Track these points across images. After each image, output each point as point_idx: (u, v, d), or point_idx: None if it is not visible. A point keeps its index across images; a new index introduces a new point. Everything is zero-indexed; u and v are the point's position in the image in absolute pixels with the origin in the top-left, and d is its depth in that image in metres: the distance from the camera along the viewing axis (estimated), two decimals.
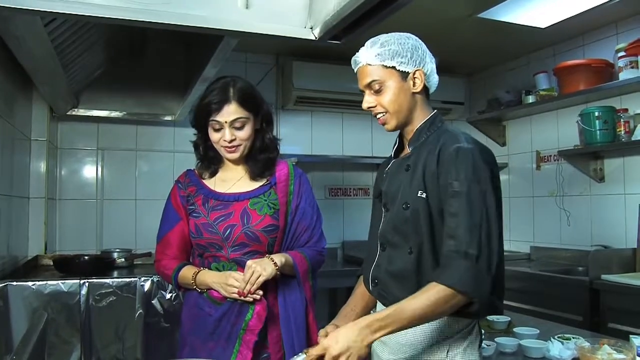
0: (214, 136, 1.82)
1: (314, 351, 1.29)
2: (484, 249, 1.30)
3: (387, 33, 1.53)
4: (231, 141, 1.79)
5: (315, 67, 4.03)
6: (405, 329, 1.30)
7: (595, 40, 3.71)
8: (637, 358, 1.76)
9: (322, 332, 1.51)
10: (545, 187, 4.13)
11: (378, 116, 1.52)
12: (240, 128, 1.80)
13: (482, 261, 1.29)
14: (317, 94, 4.07)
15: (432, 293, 1.27)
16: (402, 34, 1.51)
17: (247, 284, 1.67)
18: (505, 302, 3.55)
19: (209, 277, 1.78)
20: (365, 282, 1.61)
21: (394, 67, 1.46)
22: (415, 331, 1.43)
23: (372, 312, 1.64)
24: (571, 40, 3.86)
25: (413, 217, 1.42)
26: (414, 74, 1.48)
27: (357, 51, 1.53)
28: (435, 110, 1.55)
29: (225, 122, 1.77)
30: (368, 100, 1.51)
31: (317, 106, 4.27)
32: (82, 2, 1.44)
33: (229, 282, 1.71)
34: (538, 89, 3.92)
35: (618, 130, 3.36)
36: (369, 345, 1.27)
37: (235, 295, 1.71)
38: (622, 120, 3.35)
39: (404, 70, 1.46)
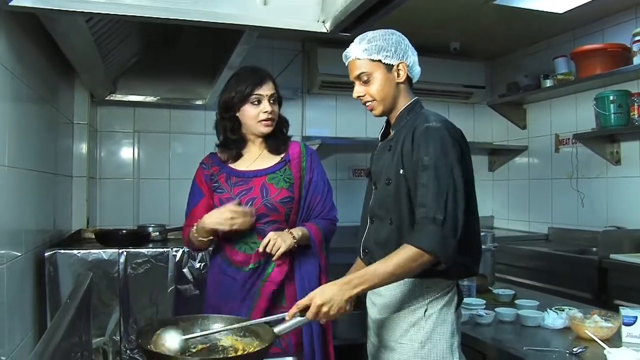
0: (252, 112, 2.01)
1: (303, 301, 1.46)
2: (449, 214, 1.45)
3: (392, 27, 1.70)
4: (271, 112, 2.00)
5: (339, 53, 4.05)
6: (383, 285, 1.48)
7: (614, 24, 3.71)
8: (623, 327, 1.90)
9: None
10: (563, 169, 4.18)
11: (367, 104, 1.69)
12: (274, 103, 2.04)
13: (448, 225, 1.45)
14: (341, 79, 4.10)
15: (403, 253, 1.44)
16: (386, 30, 1.67)
17: (264, 248, 1.87)
18: (519, 279, 3.70)
19: (208, 219, 1.92)
20: (359, 251, 1.80)
21: (379, 61, 1.63)
22: (396, 293, 1.62)
23: None
24: (591, 25, 3.86)
25: (395, 191, 1.59)
26: (397, 66, 1.64)
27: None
28: (416, 97, 1.71)
29: (266, 95, 2.00)
30: (358, 90, 1.68)
31: (342, 90, 4.36)
32: (120, 4, 1.63)
33: (228, 216, 1.87)
34: (556, 73, 3.94)
35: (632, 113, 3.38)
36: (349, 300, 1.44)
37: (236, 227, 1.88)
38: (636, 104, 3.35)
39: (388, 63, 1.63)
